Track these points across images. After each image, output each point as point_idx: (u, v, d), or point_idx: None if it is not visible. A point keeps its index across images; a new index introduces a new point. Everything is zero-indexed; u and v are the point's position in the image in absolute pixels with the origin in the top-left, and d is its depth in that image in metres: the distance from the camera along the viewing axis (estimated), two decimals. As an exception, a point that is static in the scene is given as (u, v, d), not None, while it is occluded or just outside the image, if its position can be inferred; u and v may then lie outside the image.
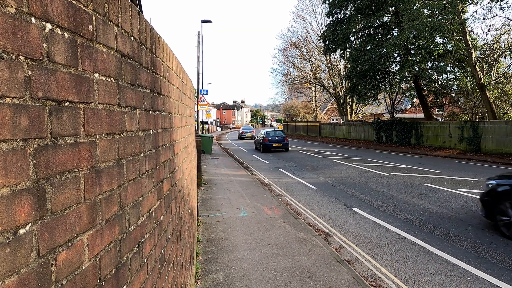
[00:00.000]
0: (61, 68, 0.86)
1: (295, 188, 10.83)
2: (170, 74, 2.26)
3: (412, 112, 40.20)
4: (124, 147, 1.28)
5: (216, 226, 6.81)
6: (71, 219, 0.91)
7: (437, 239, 6.03)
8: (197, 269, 4.76)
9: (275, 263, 5.00)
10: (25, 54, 0.74)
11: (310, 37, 43.85)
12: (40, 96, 0.79)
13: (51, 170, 0.82)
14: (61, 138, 0.87)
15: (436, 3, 18.29)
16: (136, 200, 1.41)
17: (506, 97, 21.79)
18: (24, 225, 0.73)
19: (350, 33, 26.38)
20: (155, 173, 1.74)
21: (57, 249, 0.84)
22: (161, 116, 1.89)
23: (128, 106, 1.32)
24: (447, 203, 8.33)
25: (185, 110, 3.18)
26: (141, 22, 1.50)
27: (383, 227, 6.78)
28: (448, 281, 4.54)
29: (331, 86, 43.04)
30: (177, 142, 2.57)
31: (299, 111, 65.17)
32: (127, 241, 1.30)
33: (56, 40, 0.84)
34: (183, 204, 2.98)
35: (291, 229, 6.56)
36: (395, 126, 25.60)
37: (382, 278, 4.71)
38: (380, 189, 10.20)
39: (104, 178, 1.10)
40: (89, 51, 1.01)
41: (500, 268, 4.84)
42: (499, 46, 19.72)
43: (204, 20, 24.56)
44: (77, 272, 0.93)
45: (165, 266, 1.94)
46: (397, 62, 24.99)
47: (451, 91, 24.90)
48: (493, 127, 17.93)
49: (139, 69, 1.47)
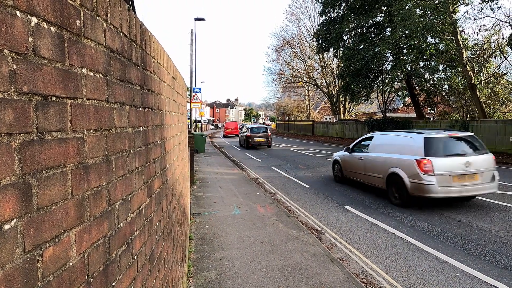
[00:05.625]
0: (47, 62, 0.86)
1: (288, 187, 10.86)
2: (161, 71, 2.25)
3: (404, 111, 40.58)
4: (113, 143, 1.28)
5: (208, 224, 6.80)
6: (58, 215, 0.90)
7: (428, 236, 6.10)
8: (189, 267, 4.75)
9: (267, 261, 5.01)
10: (10, 48, 0.73)
11: (304, 36, 43.97)
12: (26, 91, 0.78)
13: (37, 165, 0.82)
14: (47, 133, 0.86)
15: (428, 3, 18.45)
16: (125, 197, 1.40)
17: (496, 96, 22.12)
18: (9, 221, 0.72)
19: (343, 32, 26.48)
20: (145, 170, 1.73)
21: (43, 245, 0.83)
22: (151, 113, 1.89)
23: (117, 102, 1.31)
24: (439, 201, 8.43)
25: (177, 108, 3.17)
26: (130, 18, 1.49)
27: (375, 225, 6.84)
28: (437, 277, 4.60)
29: (324, 85, 43.20)
30: (169, 140, 2.56)
31: (292, 110, 65.32)
32: (116, 238, 1.29)
33: (42, 34, 0.83)
34: (174, 202, 2.97)
35: (284, 227, 6.59)
36: (388, 125, 25.79)
37: (373, 275, 4.76)
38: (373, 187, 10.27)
39: (92, 174, 1.10)
40: (77, 46, 1.00)
41: (489, 265, 4.92)
42: (490, 47, 19.98)
43: (197, 18, 24.44)
44: (65, 269, 0.92)
45: (155, 263, 1.94)
46: (390, 61, 25.16)
47: (442, 91, 25.19)
48: (483, 126, 18.18)
49: (128, 65, 1.46)
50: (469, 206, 7.90)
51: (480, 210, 7.56)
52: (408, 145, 8.00)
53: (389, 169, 8.24)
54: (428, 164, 7.34)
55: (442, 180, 7.27)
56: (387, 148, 8.71)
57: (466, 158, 7.46)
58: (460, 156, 7.55)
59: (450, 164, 7.39)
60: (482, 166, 7.53)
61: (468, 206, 7.86)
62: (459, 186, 7.34)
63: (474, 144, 7.94)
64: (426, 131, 8.34)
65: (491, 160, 7.76)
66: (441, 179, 7.27)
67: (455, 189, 7.33)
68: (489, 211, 7.43)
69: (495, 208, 7.69)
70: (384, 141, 9.06)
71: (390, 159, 8.34)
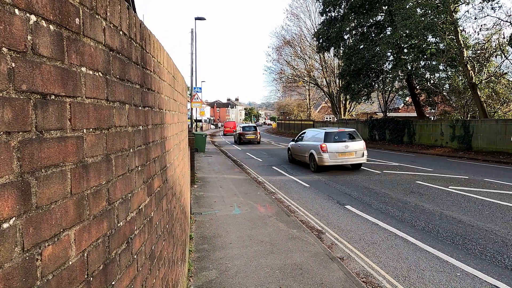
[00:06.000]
0: (46, 61, 0.85)
1: (288, 186, 10.86)
2: (161, 70, 2.24)
3: (405, 111, 40.51)
4: (113, 142, 1.28)
5: (209, 223, 6.81)
6: (57, 214, 0.90)
7: (428, 235, 6.10)
8: (189, 267, 4.76)
9: (267, 260, 5.01)
10: (8, 46, 0.73)
11: (304, 36, 43.92)
12: (25, 89, 0.78)
13: (36, 164, 0.82)
14: (46, 132, 0.86)
15: (428, 3, 18.43)
16: (125, 196, 1.40)
17: (497, 96, 22.09)
18: (7, 219, 0.72)
19: (344, 31, 26.45)
20: (145, 169, 1.73)
21: (42, 244, 0.83)
22: (151, 112, 1.88)
23: (116, 101, 1.31)
24: (438, 200, 8.43)
25: (177, 107, 3.17)
26: (130, 17, 1.49)
27: (375, 224, 6.84)
28: (438, 277, 4.60)
29: (324, 85, 43.15)
30: (169, 139, 2.56)
31: (293, 109, 65.30)
32: (116, 237, 1.29)
33: (41, 33, 0.83)
34: (174, 201, 2.97)
35: (284, 226, 6.58)
36: (388, 124, 25.77)
37: (374, 275, 4.76)
38: (373, 186, 10.28)
39: (92, 173, 1.10)
40: (76, 45, 1.00)
41: (489, 264, 4.92)
42: (490, 46, 19.95)
43: (198, 17, 24.43)
44: (64, 268, 0.92)
45: (155, 262, 1.94)
46: (390, 60, 25.13)
47: (443, 90, 25.15)
48: (484, 125, 18.16)
49: (128, 64, 1.45)
50: (470, 205, 7.89)
51: (480, 209, 7.56)
52: (318, 136, 13.43)
53: (310, 150, 13.54)
54: (324, 147, 12.73)
55: (332, 156, 12.67)
56: (309, 138, 14.10)
57: (346, 143, 12.85)
58: (343, 142, 12.90)
59: (336, 146, 12.73)
60: (355, 148, 12.88)
61: (469, 206, 7.86)
62: (341, 159, 12.76)
63: (353, 135, 13.38)
64: (329, 128, 13.93)
65: (362, 144, 13.06)
66: (331, 155, 12.66)
67: (339, 160, 12.75)
68: (489, 211, 7.42)
69: (496, 207, 7.68)
70: (309, 134, 14.40)
71: (310, 144, 13.63)
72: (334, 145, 12.68)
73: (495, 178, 11.05)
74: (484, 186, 9.85)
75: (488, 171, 12.59)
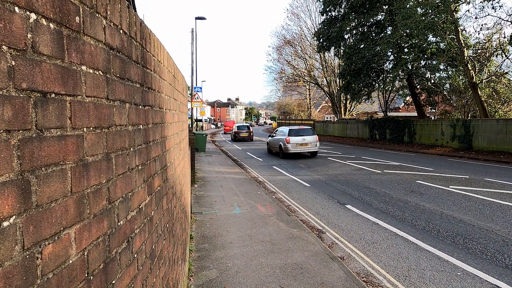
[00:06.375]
0: (46, 59, 0.85)
1: (288, 186, 10.86)
2: (161, 69, 2.24)
3: (405, 110, 40.49)
4: (113, 141, 1.27)
5: (209, 223, 6.81)
6: (58, 213, 0.90)
7: (429, 235, 6.10)
8: (190, 266, 4.76)
9: (268, 260, 5.01)
10: (8, 44, 0.73)
11: (305, 35, 43.90)
12: (25, 87, 0.78)
13: (36, 162, 0.81)
14: (46, 130, 0.86)
15: (429, 2, 18.40)
16: (125, 195, 1.40)
17: (498, 95, 22.06)
18: (8, 218, 0.72)
19: (344, 31, 26.43)
20: (145, 168, 1.73)
21: (42, 242, 0.83)
22: (151, 111, 1.88)
23: (117, 100, 1.31)
24: (439, 200, 8.42)
25: (177, 106, 3.17)
26: (130, 16, 1.49)
27: (376, 224, 6.84)
28: (438, 276, 4.60)
29: (325, 84, 43.14)
30: (169, 138, 2.56)
31: (293, 109, 65.29)
32: (116, 236, 1.29)
33: (41, 31, 0.83)
34: (175, 201, 2.97)
35: (284, 226, 6.58)
36: (389, 124, 25.76)
37: (374, 274, 4.75)
38: (373, 186, 10.28)
39: (92, 172, 1.10)
40: (76, 43, 1.00)
41: (490, 264, 4.91)
42: (491, 45, 19.93)
43: (198, 17, 24.42)
44: (64, 266, 0.92)
45: (156, 261, 1.94)
46: (391, 60, 25.10)
47: (443, 90, 25.11)
48: (485, 125, 18.14)
49: (128, 63, 1.45)
50: (470, 205, 7.89)
51: (481, 209, 7.55)
52: (285, 132, 17.94)
53: (279, 143, 18.16)
54: (288, 139, 17.31)
55: (293, 146, 17.26)
56: (280, 133, 18.64)
57: (303, 137, 17.36)
58: (301, 136, 17.38)
59: (296, 139, 17.26)
60: (310, 140, 17.44)
61: (469, 205, 7.85)
62: (300, 147, 17.34)
63: (310, 131, 17.91)
64: (292, 126, 19.09)
65: (315, 138, 17.70)
66: (292, 145, 17.25)
67: (299, 149, 17.36)
68: (490, 210, 7.42)
69: (497, 207, 7.67)
70: (280, 130, 18.98)
71: (280, 138, 18.17)
72: (295, 138, 17.29)
73: (495, 178, 11.04)
74: (485, 186, 9.84)
75: (489, 171, 12.58)
